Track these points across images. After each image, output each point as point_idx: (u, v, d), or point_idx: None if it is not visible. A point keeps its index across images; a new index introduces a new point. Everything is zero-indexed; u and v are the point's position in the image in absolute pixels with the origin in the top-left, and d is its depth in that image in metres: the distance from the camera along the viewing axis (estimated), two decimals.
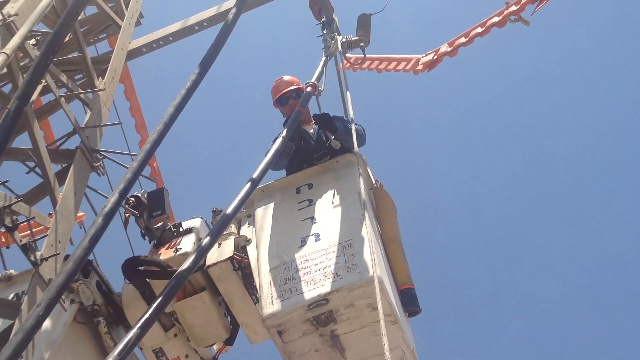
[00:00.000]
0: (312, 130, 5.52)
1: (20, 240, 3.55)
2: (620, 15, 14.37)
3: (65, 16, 3.13)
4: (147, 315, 2.83)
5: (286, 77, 5.78)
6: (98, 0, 5.73)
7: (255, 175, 3.90)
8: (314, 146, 5.39)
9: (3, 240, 6.45)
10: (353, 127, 5.06)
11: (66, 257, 4.25)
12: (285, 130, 4.42)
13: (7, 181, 3.48)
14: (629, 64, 14.94)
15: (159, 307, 2.89)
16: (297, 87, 5.71)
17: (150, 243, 5.20)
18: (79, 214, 5.42)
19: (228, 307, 4.98)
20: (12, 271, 5.25)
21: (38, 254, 3.62)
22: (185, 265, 3.23)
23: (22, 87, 2.88)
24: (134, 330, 2.74)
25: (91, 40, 5.97)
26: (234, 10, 4.14)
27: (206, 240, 3.41)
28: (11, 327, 3.42)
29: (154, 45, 6.42)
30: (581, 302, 14.87)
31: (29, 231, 6.04)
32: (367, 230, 4.39)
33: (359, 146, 5.02)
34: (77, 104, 5.36)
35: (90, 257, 5.43)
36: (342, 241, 4.47)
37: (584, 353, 14.77)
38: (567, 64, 15.59)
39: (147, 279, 4.90)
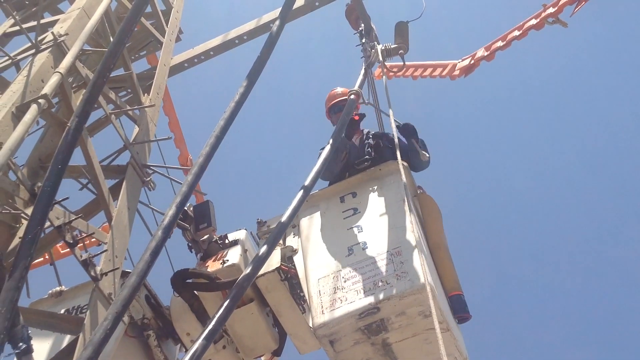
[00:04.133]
0: (357, 142, 5.53)
1: (81, 256, 3.61)
2: None
3: (119, 35, 3.20)
4: (211, 326, 2.85)
5: (340, 89, 5.82)
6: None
7: (307, 182, 3.93)
8: (356, 154, 5.41)
9: (47, 257, 6.57)
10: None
11: (123, 272, 4.32)
12: (332, 138, 4.45)
13: (67, 198, 3.55)
14: None
15: (223, 317, 2.91)
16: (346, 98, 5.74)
17: (196, 256, 5.25)
18: None
19: (276, 318, 5.00)
20: (62, 287, 5.35)
21: (98, 269, 3.67)
22: (244, 274, 3.24)
23: (82, 105, 2.94)
24: (199, 341, 2.77)
25: (132, 57, 6.06)
26: (277, 23, 4.17)
27: (263, 249, 3.43)
28: (74, 342, 3.47)
29: (195, 60, 6.51)
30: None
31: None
32: (415, 237, 4.37)
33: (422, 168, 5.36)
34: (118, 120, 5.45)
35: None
36: (390, 249, 4.46)
37: None
38: (607, 64, 15.37)
39: (196, 292, 4.94)
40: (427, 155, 5.41)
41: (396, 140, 4.94)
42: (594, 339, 14.90)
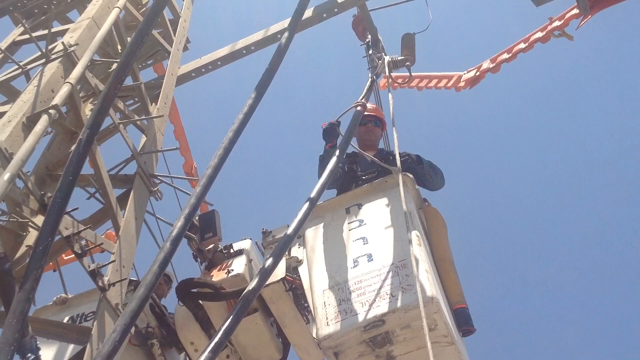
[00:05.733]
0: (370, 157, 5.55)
1: (89, 266, 3.62)
2: None
3: (131, 46, 3.22)
4: (217, 338, 2.86)
5: (369, 105, 5.84)
6: None
7: (312, 194, 3.95)
8: (365, 168, 5.42)
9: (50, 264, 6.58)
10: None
11: (130, 282, 4.33)
12: (338, 150, 4.49)
13: (76, 209, 3.57)
14: None
15: (229, 329, 2.92)
16: (376, 115, 5.79)
17: (200, 265, 5.26)
18: None
19: (280, 328, 5.00)
20: (67, 295, 5.36)
21: (105, 279, 3.68)
22: (250, 286, 3.25)
23: (93, 117, 2.96)
24: (206, 354, 2.77)
25: (139, 66, 6.09)
26: (286, 35, 4.19)
27: (269, 261, 3.45)
28: (81, 352, 3.48)
29: (203, 70, 6.50)
30: None
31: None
32: (421, 250, 4.37)
33: (438, 187, 5.39)
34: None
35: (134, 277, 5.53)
36: (396, 261, 4.45)
37: None
38: (612, 78, 15.41)
39: (200, 301, 4.95)
40: (438, 172, 5.46)
41: (397, 153, 4.93)
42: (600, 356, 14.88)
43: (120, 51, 5.69)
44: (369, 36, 6.01)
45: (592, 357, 14.90)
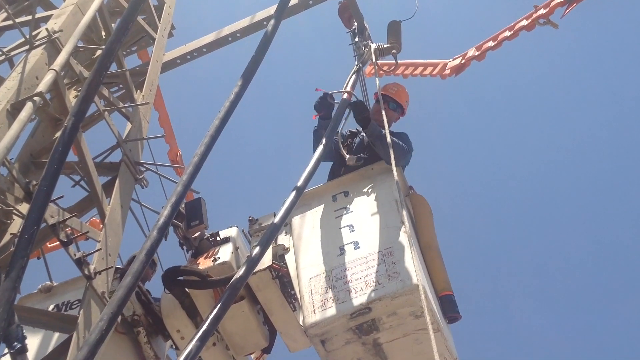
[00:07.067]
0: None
1: (74, 255, 3.60)
2: None
3: (115, 34, 3.19)
4: (205, 327, 2.87)
5: (399, 87, 5.75)
6: None
7: (299, 183, 3.95)
8: (356, 150, 5.41)
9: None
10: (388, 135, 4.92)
11: (116, 270, 4.31)
12: (325, 137, 4.49)
13: (62, 197, 3.54)
14: None
15: (216, 318, 2.92)
16: (394, 99, 5.63)
17: (187, 253, 5.25)
18: None
19: (266, 315, 5.01)
20: (52, 283, 5.34)
21: (91, 267, 3.66)
22: (237, 275, 3.26)
23: (78, 104, 2.93)
24: (193, 342, 2.77)
25: (124, 53, 6.03)
26: (272, 22, 4.17)
27: (256, 250, 3.45)
28: (67, 340, 3.46)
29: (188, 57, 6.47)
30: None
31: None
32: (407, 238, 4.39)
33: (397, 162, 4.82)
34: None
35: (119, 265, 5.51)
36: (382, 249, 4.48)
37: None
38: (596, 66, 15.52)
39: (187, 289, 4.95)
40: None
41: (389, 139, 4.93)
42: (588, 345, 15.09)
43: (104, 37, 5.63)
44: (355, 23, 5.97)
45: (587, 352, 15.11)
